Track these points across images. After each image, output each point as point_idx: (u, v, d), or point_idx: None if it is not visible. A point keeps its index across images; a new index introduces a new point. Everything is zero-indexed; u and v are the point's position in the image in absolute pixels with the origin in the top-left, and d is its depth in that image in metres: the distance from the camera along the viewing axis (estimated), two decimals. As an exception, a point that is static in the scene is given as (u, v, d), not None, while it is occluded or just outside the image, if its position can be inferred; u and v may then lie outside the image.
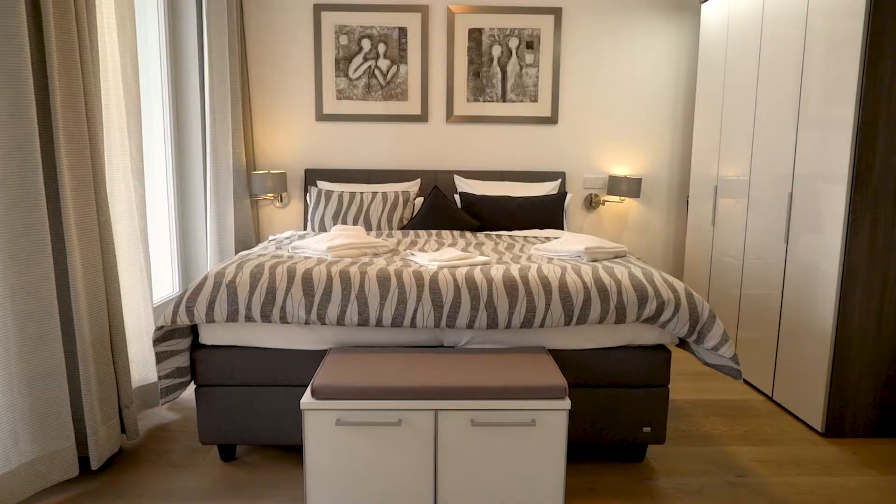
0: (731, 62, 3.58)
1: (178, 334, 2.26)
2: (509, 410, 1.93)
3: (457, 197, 4.05)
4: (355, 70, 4.20)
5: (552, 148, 4.35)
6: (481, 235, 3.53)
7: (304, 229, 4.28)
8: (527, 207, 3.83)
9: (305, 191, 4.25)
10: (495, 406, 1.92)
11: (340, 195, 3.89)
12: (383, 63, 4.20)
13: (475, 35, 4.19)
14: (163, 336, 2.21)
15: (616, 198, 4.38)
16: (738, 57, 3.49)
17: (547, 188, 4.10)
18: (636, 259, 2.76)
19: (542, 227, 3.79)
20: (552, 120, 4.29)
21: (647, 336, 2.34)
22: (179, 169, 3.99)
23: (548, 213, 3.83)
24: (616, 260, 2.66)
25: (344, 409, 1.92)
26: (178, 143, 3.96)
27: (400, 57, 4.20)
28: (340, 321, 2.21)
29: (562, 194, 3.95)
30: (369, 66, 4.20)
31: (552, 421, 1.93)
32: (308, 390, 1.95)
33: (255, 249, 2.85)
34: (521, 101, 4.26)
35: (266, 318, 2.20)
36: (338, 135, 4.29)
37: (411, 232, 3.57)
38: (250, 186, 4.16)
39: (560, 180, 4.22)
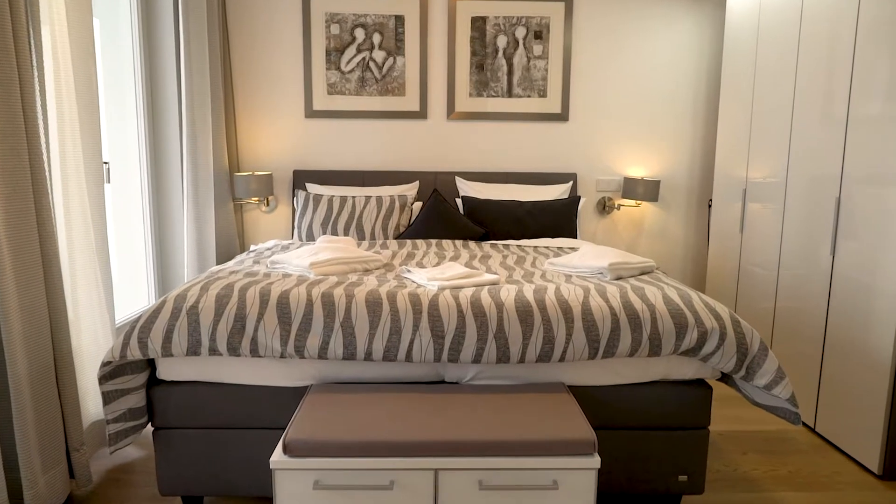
0: (763, 53, 3.23)
1: (131, 369, 1.91)
2: (526, 470, 1.58)
3: (458, 201, 3.70)
4: (348, 62, 3.85)
5: (562, 147, 4.00)
6: (486, 246, 3.18)
7: (292, 237, 3.93)
8: (536, 213, 3.47)
9: (294, 194, 3.90)
10: (509, 465, 1.57)
11: (330, 200, 3.53)
12: (378, 55, 3.85)
13: (479, 24, 3.84)
14: (111, 372, 1.86)
15: (631, 201, 4.03)
16: (773, 47, 3.13)
17: (557, 191, 3.74)
18: (665, 276, 2.41)
19: (553, 236, 3.44)
20: (562, 117, 3.94)
21: (684, 370, 1.99)
22: (155, 170, 3.66)
23: (559, 220, 3.48)
24: (643, 277, 2.31)
25: (323, 468, 1.57)
26: (154, 142, 3.62)
27: (397, 48, 3.84)
28: (322, 354, 1.86)
29: (574, 198, 3.60)
30: (363, 58, 3.85)
31: (578, 482, 1.58)
32: (280, 445, 1.60)
33: (230, 264, 2.50)
34: (529, 96, 3.91)
35: (234, 350, 1.85)
36: (329, 133, 3.94)
37: (408, 242, 3.22)
38: (233, 189, 3.81)
39: (571, 182, 3.87)
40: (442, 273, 2.19)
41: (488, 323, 1.86)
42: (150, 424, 2.02)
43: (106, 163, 2.99)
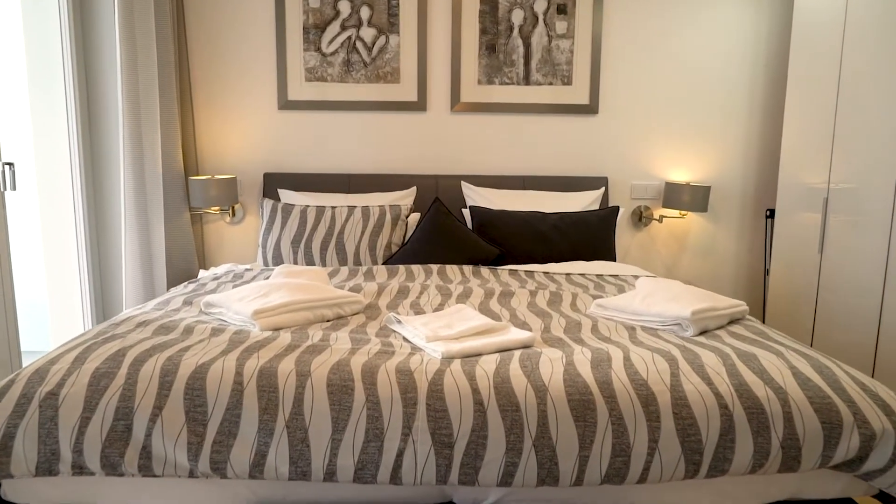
0: (853, 33, 2.52)
1: (-46, 492, 1.20)
2: None
3: (465, 213, 3.01)
4: (330, 42, 3.16)
5: (590, 145, 3.30)
6: (504, 274, 2.47)
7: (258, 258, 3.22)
8: (564, 229, 2.77)
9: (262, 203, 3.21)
10: None
11: (303, 211, 2.83)
12: (367, 33, 3.16)
13: (490, -5, 3.16)
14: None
15: (675, 212, 3.33)
16: (869, 23, 2.43)
17: (585, 200, 3.05)
18: (766, 327, 1.70)
19: (588, 258, 2.73)
20: (591, 109, 3.25)
21: (826, 486, 1.28)
22: (92, 173, 2.98)
23: (594, 237, 2.78)
24: (736, 331, 1.61)
25: None
26: (91, 139, 2.96)
27: (390, 24, 3.15)
28: (256, 473, 1.15)
29: (611, 209, 2.90)
30: (349, 37, 3.16)
31: None
32: None
33: (149, 305, 1.79)
34: (551, 83, 3.22)
35: (113, 468, 1.15)
36: (307, 128, 3.25)
37: (402, 269, 2.51)
38: (189, 197, 3.11)
39: (602, 189, 3.17)
40: (448, 327, 1.48)
41: (524, 421, 1.16)
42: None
43: (9, 164, 2.31)
